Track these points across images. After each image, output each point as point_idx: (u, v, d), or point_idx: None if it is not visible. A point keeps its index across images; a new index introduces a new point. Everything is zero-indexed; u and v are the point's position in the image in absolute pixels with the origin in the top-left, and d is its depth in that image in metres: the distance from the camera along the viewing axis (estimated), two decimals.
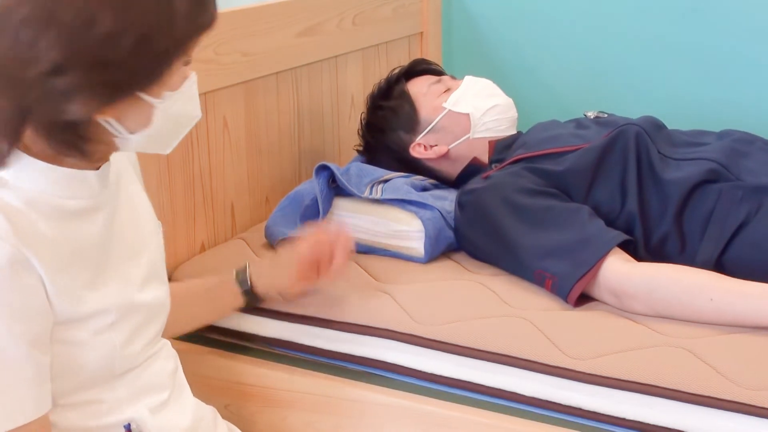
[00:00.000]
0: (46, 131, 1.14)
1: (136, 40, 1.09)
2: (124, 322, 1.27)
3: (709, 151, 1.83)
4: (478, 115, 2.03)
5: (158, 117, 1.18)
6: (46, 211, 1.17)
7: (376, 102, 2.12)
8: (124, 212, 1.30)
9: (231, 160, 1.98)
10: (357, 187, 1.91)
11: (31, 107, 1.12)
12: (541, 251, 1.70)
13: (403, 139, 2.07)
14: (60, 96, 1.10)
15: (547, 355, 1.51)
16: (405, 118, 2.06)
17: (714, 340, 1.51)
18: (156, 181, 1.78)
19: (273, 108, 2.08)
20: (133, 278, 1.30)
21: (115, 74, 1.11)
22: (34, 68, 1.08)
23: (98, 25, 1.07)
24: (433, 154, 2.04)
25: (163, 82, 1.16)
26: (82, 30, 1.07)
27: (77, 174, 1.21)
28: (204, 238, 1.94)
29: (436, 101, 2.06)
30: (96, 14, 1.07)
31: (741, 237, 1.69)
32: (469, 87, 2.08)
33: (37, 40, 1.07)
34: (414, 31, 2.58)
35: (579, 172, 1.82)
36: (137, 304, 1.29)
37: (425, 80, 2.11)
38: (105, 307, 1.23)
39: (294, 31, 2.09)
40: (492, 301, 1.66)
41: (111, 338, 1.25)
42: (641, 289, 1.60)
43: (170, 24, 1.11)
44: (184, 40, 1.15)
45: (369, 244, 1.88)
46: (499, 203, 1.79)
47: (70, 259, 1.19)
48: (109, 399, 1.28)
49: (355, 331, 1.65)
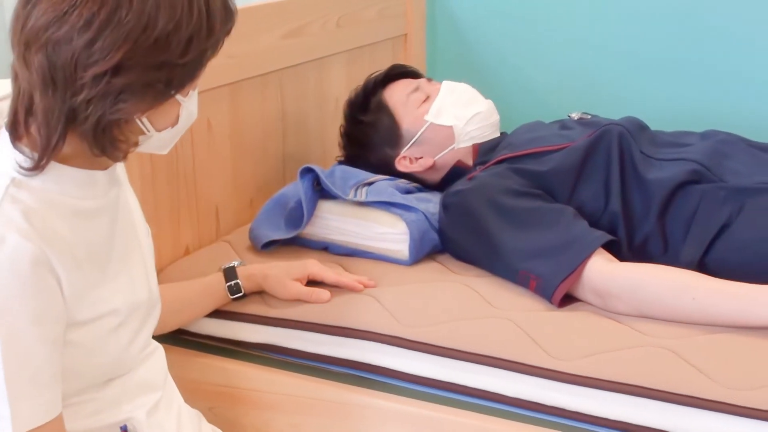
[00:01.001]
0: (91, 132, 1.16)
1: (185, 41, 1.14)
2: (129, 322, 1.29)
3: (691, 151, 1.84)
4: (462, 125, 2.02)
5: (183, 115, 1.23)
6: (63, 212, 1.19)
7: (355, 115, 2.09)
8: (124, 214, 1.32)
9: (215, 163, 1.98)
10: (342, 190, 1.91)
11: (80, 108, 1.13)
12: (525, 252, 1.70)
13: (387, 154, 2.06)
14: (114, 96, 1.13)
15: (531, 356, 1.52)
16: (386, 132, 2.05)
17: (697, 340, 1.52)
18: (140, 184, 1.78)
19: (258, 110, 2.08)
20: (135, 279, 1.32)
21: (168, 73, 1.15)
22: (91, 69, 1.11)
23: (155, 26, 1.11)
24: (420, 167, 2.04)
25: (194, 82, 1.21)
26: (140, 31, 1.11)
27: (88, 174, 1.23)
28: (188, 241, 1.93)
29: (416, 112, 2.04)
30: (152, 16, 1.11)
31: (723, 238, 1.69)
32: (449, 95, 2.06)
33: (95, 41, 1.10)
34: (398, 33, 2.58)
35: (563, 172, 1.83)
36: (139, 305, 1.32)
37: (403, 88, 2.08)
38: (115, 307, 1.26)
39: (279, 33, 2.09)
40: (476, 303, 1.67)
41: (118, 339, 1.27)
42: (625, 289, 1.61)
43: (210, 26, 1.17)
44: (218, 41, 1.20)
45: (353, 247, 1.89)
46: (483, 204, 1.80)
47: (83, 259, 1.21)
48: (105, 398, 1.30)
49: (340, 333, 1.65)
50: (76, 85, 1.12)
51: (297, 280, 1.70)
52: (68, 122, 1.14)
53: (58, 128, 1.14)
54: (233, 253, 1.90)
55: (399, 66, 2.19)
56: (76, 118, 1.14)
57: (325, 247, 1.91)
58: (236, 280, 1.69)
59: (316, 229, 1.91)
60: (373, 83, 2.10)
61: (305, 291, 1.69)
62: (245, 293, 1.71)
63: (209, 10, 1.16)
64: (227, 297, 1.70)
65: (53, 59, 1.11)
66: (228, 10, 1.21)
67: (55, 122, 1.14)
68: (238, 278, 1.70)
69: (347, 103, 2.12)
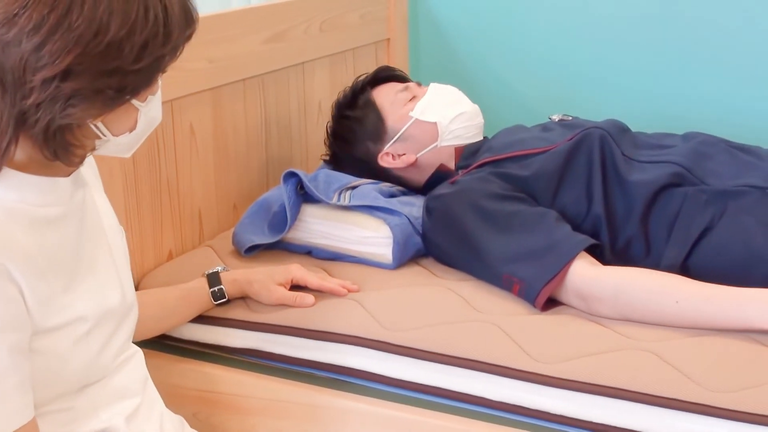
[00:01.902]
0: (42, 136, 1.14)
1: (139, 47, 1.12)
2: (99, 328, 1.27)
3: (673, 153, 1.85)
4: (446, 123, 2.03)
5: (141, 120, 1.21)
6: (23, 221, 1.17)
7: (342, 111, 2.11)
8: (91, 218, 1.30)
9: (198, 168, 1.97)
10: (325, 194, 1.91)
11: (30, 112, 1.12)
12: (509, 256, 1.71)
13: (371, 149, 2.07)
14: (63, 101, 1.11)
15: (515, 359, 1.52)
16: (371, 127, 2.06)
17: (680, 342, 1.52)
18: (122, 189, 1.77)
19: (240, 115, 2.08)
20: (104, 284, 1.30)
21: (120, 80, 1.13)
22: (39, 73, 1.09)
23: (107, 31, 1.09)
24: (402, 164, 2.05)
25: (151, 88, 1.19)
26: (91, 36, 1.09)
27: (50, 182, 1.21)
28: (171, 246, 1.93)
29: (402, 110, 2.05)
30: (104, 21, 1.09)
31: (706, 241, 1.70)
32: (435, 95, 2.08)
33: (44, 45, 1.08)
34: (381, 38, 2.58)
35: (545, 176, 1.83)
36: (110, 310, 1.30)
37: (391, 88, 2.10)
38: (81, 314, 1.23)
39: (261, 37, 2.09)
40: (460, 306, 1.67)
41: (88, 346, 1.25)
42: (608, 292, 1.61)
43: (167, 32, 1.14)
44: (177, 47, 1.18)
45: (337, 251, 1.88)
46: (466, 208, 1.80)
47: (46, 268, 1.19)
48: (81, 406, 1.28)
49: (324, 338, 1.64)
50: (26, 89, 1.10)
51: (281, 284, 1.70)
52: (18, 125, 1.13)
53: (8, 131, 1.12)
54: (216, 257, 1.89)
55: (388, 68, 2.20)
56: (26, 122, 1.12)
57: (309, 252, 1.91)
58: (220, 286, 1.69)
59: (300, 233, 1.91)
60: (362, 83, 2.12)
61: (289, 296, 1.69)
62: (229, 299, 1.70)
63: (167, 16, 1.14)
64: (211, 303, 1.69)
65: (2, 61, 1.09)
66: (188, 16, 1.19)
67: (5, 125, 1.12)
68: (221, 284, 1.69)
69: (335, 102, 2.14)
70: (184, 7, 1.18)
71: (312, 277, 1.72)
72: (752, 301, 1.53)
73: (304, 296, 1.69)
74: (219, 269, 1.72)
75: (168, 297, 1.68)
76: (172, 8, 1.15)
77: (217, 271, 1.71)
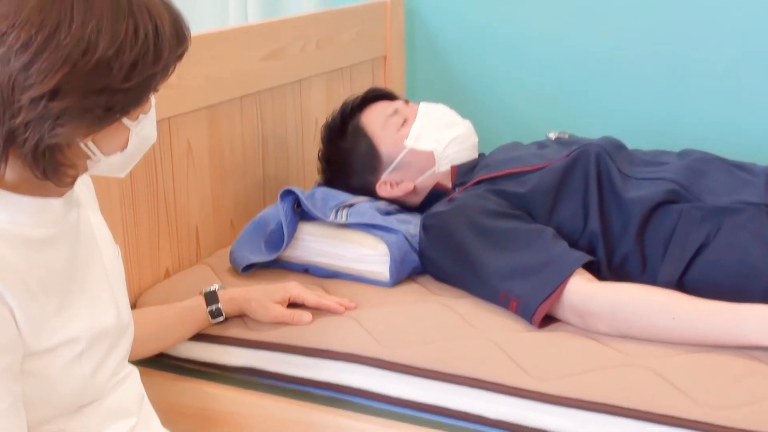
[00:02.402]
0: (31, 155, 1.13)
1: (129, 66, 1.11)
2: (93, 349, 1.26)
3: (669, 171, 1.86)
4: (441, 149, 2.03)
5: (133, 140, 1.20)
6: (14, 242, 1.17)
7: (333, 140, 2.09)
8: (86, 238, 1.30)
9: (195, 185, 1.97)
10: (322, 212, 1.91)
11: (19, 131, 1.11)
12: (505, 273, 1.71)
13: (367, 179, 2.06)
14: (52, 120, 1.10)
15: (512, 376, 1.52)
16: (365, 158, 2.06)
17: (677, 359, 1.52)
18: (119, 206, 1.77)
19: (237, 132, 2.08)
20: (99, 304, 1.29)
21: (108, 99, 1.12)
22: (27, 92, 1.08)
23: (95, 50, 1.09)
24: (401, 192, 2.04)
25: (142, 107, 1.18)
26: (79, 55, 1.08)
27: (42, 202, 1.20)
28: (168, 263, 1.93)
29: (395, 137, 2.04)
30: (93, 40, 1.09)
31: (701, 257, 1.70)
32: (427, 117, 2.06)
33: (32, 64, 1.08)
34: (377, 55, 2.59)
35: (541, 193, 1.83)
36: (104, 331, 1.29)
37: (380, 111, 2.08)
38: (74, 335, 1.23)
39: (258, 55, 2.10)
40: (457, 324, 1.67)
41: (81, 368, 1.24)
42: (605, 308, 1.61)
43: (157, 51, 1.14)
44: (168, 66, 1.17)
45: (334, 269, 1.88)
46: (463, 226, 1.80)
47: (38, 289, 1.18)
48: (76, 427, 1.27)
49: (321, 355, 1.64)
50: (14, 108, 1.09)
51: (278, 302, 1.70)
52: (7, 145, 1.12)
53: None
54: (213, 275, 1.89)
55: (375, 89, 2.18)
56: (15, 141, 1.12)
57: (306, 269, 1.91)
58: (217, 305, 1.69)
59: (297, 251, 1.91)
60: (350, 107, 2.10)
61: (287, 313, 1.69)
62: (226, 317, 1.70)
63: (157, 35, 1.13)
64: (208, 321, 1.69)
65: None
66: (179, 34, 1.17)
67: None
68: (219, 302, 1.69)
69: (324, 127, 2.12)
70: (176, 26, 1.17)
71: (309, 295, 1.72)
72: (749, 317, 1.53)
73: (302, 314, 1.69)
74: (216, 287, 1.72)
75: (165, 316, 1.68)
76: (163, 27, 1.14)
77: (214, 290, 1.71)
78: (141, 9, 1.12)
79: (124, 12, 1.11)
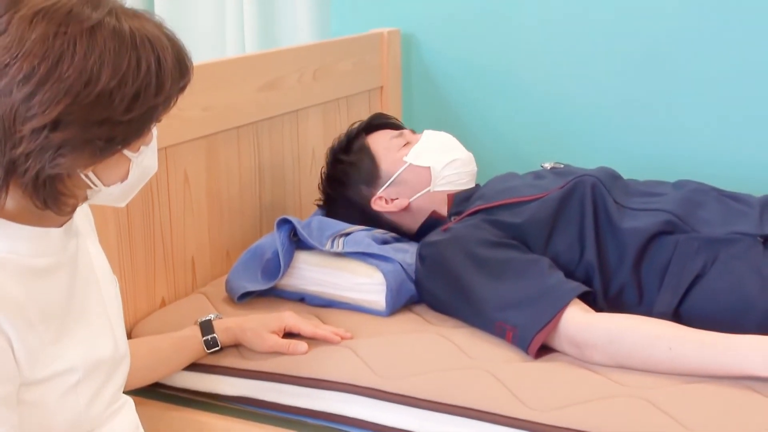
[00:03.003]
0: (32, 185, 1.14)
1: (131, 98, 1.12)
2: (89, 380, 1.26)
3: (665, 202, 1.86)
4: (439, 168, 2.05)
5: (133, 171, 1.21)
6: (13, 271, 1.17)
7: (337, 156, 2.13)
8: (84, 268, 1.30)
9: (192, 214, 1.98)
10: (318, 241, 1.91)
11: (20, 161, 1.12)
12: (502, 303, 1.71)
13: (364, 193, 2.08)
14: (53, 151, 1.11)
15: (509, 407, 1.51)
16: (365, 171, 2.08)
17: (673, 390, 1.52)
18: (116, 235, 1.77)
19: (234, 162, 2.09)
20: (96, 334, 1.29)
21: (109, 130, 1.13)
22: (29, 123, 1.09)
23: (97, 82, 1.09)
24: (395, 208, 2.06)
25: (143, 138, 1.19)
26: (81, 87, 1.09)
27: (41, 232, 1.21)
28: (164, 292, 1.92)
29: (396, 155, 2.07)
30: (95, 72, 1.09)
31: (698, 288, 1.70)
32: (430, 141, 2.10)
33: (34, 95, 1.08)
34: (374, 86, 2.60)
35: (537, 223, 1.84)
36: (100, 361, 1.29)
37: (385, 134, 2.12)
38: (70, 365, 1.22)
39: (255, 85, 2.11)
40: (453, 354, 1.67)
41: (77, 398, 1.24)
42: (601, 339, 1.61)
43: (159, 83, 1.14)
44: (170, 98, 1.18)
45: (330, 298, 1.88)
46: (459, 255, 1.80)
47: (36, 319, 1.18)
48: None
49: (317, 385, 1.64)
50: (15, 138, 1.10)
51: (274, 332, 1.70)
52: (8, 175, 1.13)
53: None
54: (209, 304, 1.89)
55: (382, 115, 2.23)
56: (16, 171, 1.12)
57: (302, 298, 1.91)
58: (213, 334, 1.68)
59: (293, 280, 1.91)
60: (357, 129, 2.14)
61: (283, 343, 1.69)
62: (222, 347, 1.70)
63: (160, 67, 1.14)
64: (204, 351, 1.69)
65: None
66: (182, 67, 1.18)
67: None
68: (214, 332, 1.69)
69: (330, 148, 2.15)
70: (179, 58, 1.18)
71: (305, 325, 1.72)
72: (745, 347, 1.53)
73: (297, 344, 1.69)
74: (212, 317, 1.72)
75: (160, 346, 1.67)
76: (165, 59, 1.15)
77: (209, 319, 1.71)
78: (144, 41, 1.13)
79: (127, 44, 1.11)
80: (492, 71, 2.61)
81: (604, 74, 2.49)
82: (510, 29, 2.56)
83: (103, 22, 1.11)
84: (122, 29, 1.12)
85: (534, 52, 2.56)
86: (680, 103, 2.43)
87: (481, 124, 2.64)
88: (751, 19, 2.32)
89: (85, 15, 1.10)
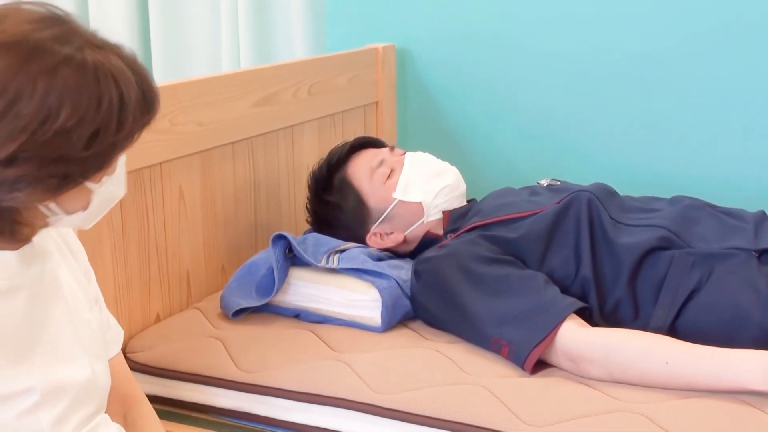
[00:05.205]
0: None
1: (89, 135, 1.10)
2: (51, 404, 1.23)
3: (660, 217, 1.86)
4: (430, 199, 2.03)
5: (95, 200, 1.19)
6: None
7: (320, 195, 2.08)
8: (49, 290, 1.27)
9: (187, 230, 1.97)
10: (314, 257, 1.91)
11: None
12: (497, 319, 1.70)
13: (357, 232, 2.05)
14: (8, 185, 1.09)
15: (505, 422, 1.51)
16: (353, 212, 2.04)
17: (670, 404, 1.52)
18: (110, 251, 1.77)
19: (229, 177, 2.08)
20: (61, 359, 1.26)
21: (66, 167, 1.11)
22: None
23: (55, 120, 1.07)
24: (391, 243, 2.04)
25: (105, 171, 1.17)
26: (38, 124, 1.07)
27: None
28: (159, 308, 1.92)
29: (383, 189, 2.03)
30: (53, 110, 1.07)
31: (693, 302, 1.71)
32: (414, 167, 2.05)
33: None
34: (369, 101, 2.61)
35: (533, 239, 1.84)
36: (67, 385, 1.25)
37: (365, 162, 2.07)
38: (28, 386, 1.20)
39: (250, 101, 2.11)
40: (449, 369, 1.66)
41: (38, 421, 1.21)
42: (598, 353, 1.61)
43: (120, 120, 1.12)
44: (132, 134, 1.16)
45: (325, 314, 1.88)
46: (455, 271, 1.80)
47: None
48: None
49: (312, 400, 1.63)
50: None
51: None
52: None
53: None
54: (204, 320, 1.89)
55: (361, 139, 2.17)
56: None
57: (297, 315, 1.90)
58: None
59: (288, 296, 1.91)
60: (336, 159, 2.09)
61: None
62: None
63: (122, 104, 1.11)
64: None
65: None
66: (147, 102, 1.15)
67: None
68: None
69: (311, 177, 2.11)
70: (145, 93, 1.15)
71: None
72: (741, 361, 1.53)
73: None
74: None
75: None
76: (129, 95, 1.12)
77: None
78: (107, 77, 1.10)
79: (90, 81, 1.09)
80: (487, 86, 2.61)
81: (600, 91, 2.50)
82: (505, 45, 2.57)
83: (68, 59, 1.08)
84: (86, 65, 1.09)
85: (530, 68, 2.56)
86: (675, 119, 2.43)
87: (476, 140, 2.65)
88: (744, 36, 2.32)
89: (52, 51, 1.08)
